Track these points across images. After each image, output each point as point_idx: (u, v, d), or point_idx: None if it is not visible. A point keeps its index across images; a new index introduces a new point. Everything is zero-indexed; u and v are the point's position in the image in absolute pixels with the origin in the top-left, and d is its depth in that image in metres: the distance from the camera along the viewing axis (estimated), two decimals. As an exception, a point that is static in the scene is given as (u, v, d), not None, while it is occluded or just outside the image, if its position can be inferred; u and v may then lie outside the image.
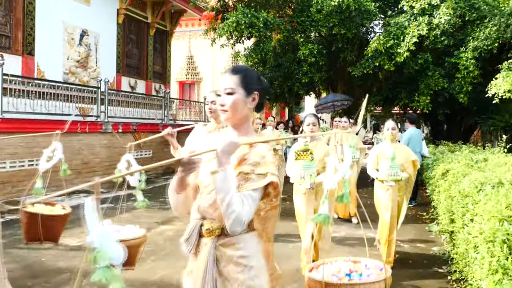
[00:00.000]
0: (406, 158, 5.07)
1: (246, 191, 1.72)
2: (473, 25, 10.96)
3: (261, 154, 1.82)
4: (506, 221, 2.63)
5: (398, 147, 5.15)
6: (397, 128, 5.17)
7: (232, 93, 1.87)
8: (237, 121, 1.93)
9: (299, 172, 4.36)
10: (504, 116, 11.06)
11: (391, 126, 5.10)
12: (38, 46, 10.55)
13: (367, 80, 13.24)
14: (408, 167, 5.06)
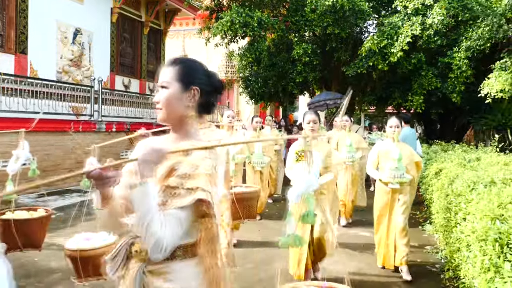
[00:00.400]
0: (410, 158, 4.71)
1: (171, 210, 1.45)
2: (466, 25, 11.02)
3: (194, 163, 1.51)
4: (498, 220, 2.65)
5: (403, 147, 4.77)
6: (400, 126, 4.84)
7: (166, 88, 1.64)
8: (173, 122, 1.67)
9: (299, 173, 4.18)
10: (496, 116, 11.14)
11: (394, 123, 4.76)
12: (31, 44, 10.49)
13: (361, 80, 13.28)
14: (411, 169, 4.68)
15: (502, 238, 2.48)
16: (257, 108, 21.40)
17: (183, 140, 1.65)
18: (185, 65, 1.71)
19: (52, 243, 5.54)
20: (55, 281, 4.25)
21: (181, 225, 1.46)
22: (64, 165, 9.75)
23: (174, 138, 1.69)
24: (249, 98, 14.59)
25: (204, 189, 1.46)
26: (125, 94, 13.06)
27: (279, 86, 13.37)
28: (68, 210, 7.56)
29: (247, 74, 14.02)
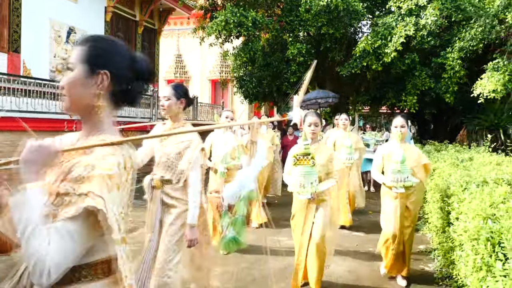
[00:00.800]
0: (417, 161, 4.38)
1: (57, 223, 1.17)
2: (459, 26, 11.10)
3: (90, 163, 1.24)
4: (490, 219, 2.67)
5: (408, 149, 4.45)
6: (406, 126, 4.47)
7: (70, 71, 1.37)
8: (79, 112, 1.38)
9: (298, 179, 3.80)
10: (489, 116, 11.22)
11: (399, 123, 4.41)
12: (24, 43, 10.43)
13: (355, 80, 13.32)
14: (419, 172, 4.35)
15: (494, 238, 2.51)
16: (251, 108, 21.41)
17: (92, 135, 1.36)
18: (95, 44, 1.39)
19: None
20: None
21: (73, 240, 1.17)
22: (57, 164, 9.70)
23: (82, 133, 1.41)
24: (244, 98, 14.60)
25: (98, 194, 1.18)
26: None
27: (273, 86, 13.39)
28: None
29: (242, 74, 14.03)
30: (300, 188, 3.80)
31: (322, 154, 4.00)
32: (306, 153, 3.80)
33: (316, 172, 3.81)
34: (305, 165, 3.79)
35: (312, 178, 3.77)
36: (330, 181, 3.99)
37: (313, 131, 3.97)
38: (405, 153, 4.23)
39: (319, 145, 4.12)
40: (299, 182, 3.79)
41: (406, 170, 4.19)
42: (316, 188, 3.78)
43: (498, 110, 11.27)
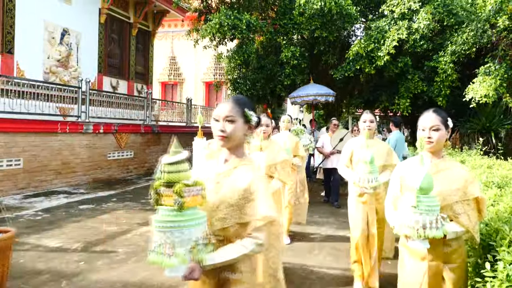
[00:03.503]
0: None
1: None
2: (451, 30, 11.20)
3: None
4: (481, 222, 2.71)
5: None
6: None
7: None
8: None
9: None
10: (481, 120, 11.32)
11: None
12: (18, 44, 10.40)
13: (349, 83, 13.40)
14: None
15: (484, 240, 2.55)
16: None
17: None
18: None
19: (39, 244, 5.51)
20: (42, 283, 4.23)
21: None
22: (50, 166, 9.68)
23: None
24: (238, 100, 14.60)
25: None
26: (113, 95, 12.99)
27: (267, 89, 13.43)
28: (55, 211, 7.51)
29: (236, 76, 14.05)
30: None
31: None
32: None
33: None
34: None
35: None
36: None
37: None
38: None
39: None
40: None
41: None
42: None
43: (490, 114, 11.38)
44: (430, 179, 2.18)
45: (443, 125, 2.49)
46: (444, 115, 2.55)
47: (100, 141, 11.26)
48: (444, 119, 2.52)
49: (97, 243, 5.71)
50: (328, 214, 8.00)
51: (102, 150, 11.36)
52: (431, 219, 2.17)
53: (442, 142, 2.51)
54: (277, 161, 4.50)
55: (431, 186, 2.19)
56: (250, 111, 1.97)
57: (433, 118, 2.51)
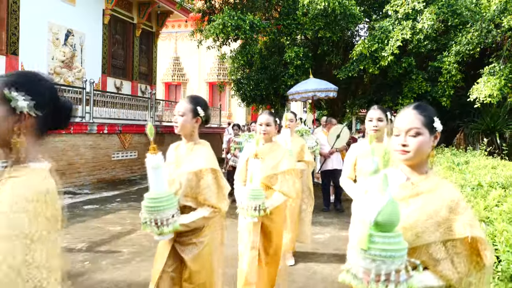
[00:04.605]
0: None
1: None
2: (456, 30, 11.17)
3: None
4: (484, 222, 2.71)
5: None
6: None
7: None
8: None
9: None
10: (485, 120, 11.27)
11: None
12: (23, 46, 10.45)
13: (352, 83, 13.39)
14: None
15: (488, 240, 2.55)
16: (248, 111, 21.45)
17: None
18: None
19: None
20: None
21: None
22: (55, 166, 9.71)
23: None
24: (241, 100, 14.64)
25: None
26: (117, 96, 13.03)
27: (270, 89, 13.43)
28: (59, 212, 7.53)
29: (239, 77, 14.07)
30: None
31: None
32: None
33: None
34: None
35: None
36: None
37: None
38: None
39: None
40: None
41: None
42: None
43: (494, 114, 11.33)
44: (393, 210, 1.47)
45: (426, 128, 1.73)
46: (430, 113, 1.78)
47: (104, 141, 11.30)
48: (429, 119, 1.75)
49: (102, 243, 5.73)
50: (332, 215, 8.00)
51: (106, 151, 11.39)
52: (390, 269, 1.45)
53: (423, 152, 1.73)
54: (278, 171, 3.50)
55: (394, 219, 1.48)
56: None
57: (412, 117, 1.75)
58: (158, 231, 2.32)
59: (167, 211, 2.32)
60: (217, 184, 2.55)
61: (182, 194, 2.54)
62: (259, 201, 3.15)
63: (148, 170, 2.36)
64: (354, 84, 13.66)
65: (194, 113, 2.62)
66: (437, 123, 1.77)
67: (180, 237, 2.56)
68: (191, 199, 2.55)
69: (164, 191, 2.36)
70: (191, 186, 2.53)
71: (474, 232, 1.60)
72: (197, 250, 2.56)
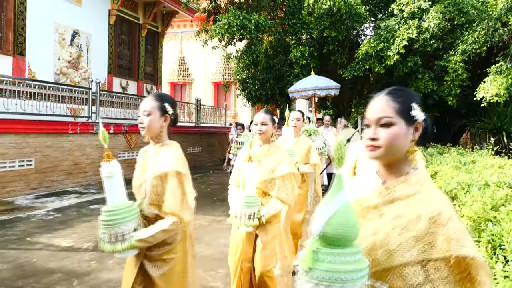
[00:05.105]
0: None
1: None
2: (462, 29, 11.11)
3: None
4: (491, 222, 2.70)
5: None
6: None
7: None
8: None
9: None
10: (492, 119, 11.20)
11: None
12: (29, 46, 10.51)
13: (358, 83, 13.35)
14: None
15: (495, 240, 2.53)
16: (254, 111, 21.44)
17: None
18: None
19: (51, 244, 5.57)
20: (53, 282, 4.28)
21: None
22: (61, 166, 9.77)
23: None
24: (246, 100, 14.65)
25: None
26: (123, 96, 13.07)
27: (276, 89, 13.43)
28: (66, 211, 7.58)
29: (244, 77, 14.07)
30: None
31: None
32: None
33: None
34: None
35: None
36: None
37: None
38: None
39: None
40: None
41: None
42: None
43: (501, 113, 11.26)
44: (346, 219, 1.14)
45: (400, 117, 1.38)
46: (406, 99, 1.43)
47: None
48: (404, 106, 1.40)
49: (108, 242, 5.75)
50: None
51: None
52: None
53: (399, 148, 1.37)
54: (277, 175, 3.15)
55: (348, 231, 1.14)
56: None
57: (382, 104, 1.40)
58: (111, 247, 2.07)
59: (126, 224, 2.10)
60: (181, 189, 2.26)
61: (148, 203, 2.31)
62: (253, 209, 2.83)
63: (103, 180, 2.12)
64: (360, 84, 13.62)
65: (162, 111, 2.40)
66: (416, 110, 1.40)
67: (150, 252, 2.30)
68: (157, 207, 2.29)
69: (121, 202, 2.13)
70: (156, 192, 2.29)
71: (462, 251, 1.19)
72: (167, 268, 2.30)
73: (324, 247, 1.14)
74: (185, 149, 15.62)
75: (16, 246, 5.45)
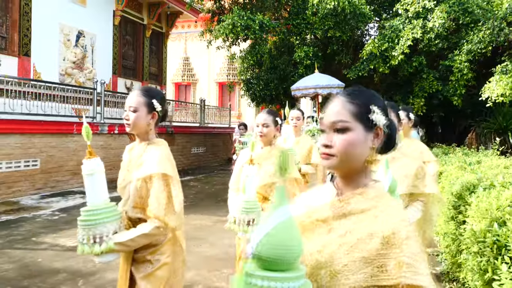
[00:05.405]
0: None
1: None
2: (467, 28, 11.06)
3: None
4: (497, 223, 2.68)
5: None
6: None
7: None
8: None
9: None
10: (497, 119, 11.15)
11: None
12: (34, 47, 10.56)
13: (362, 83, 13.31)
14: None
15: (500, 241, 2.52)
16: (258, 111, 21.44)
17: None
18: None
19: (56, 243, 5.59)
20: (59, 282, 4.30)
21: None
22: (67, 166, 9.81)
23: None
24: (251, 100, 14.66)
25: None
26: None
27: (280, 89, 13.43)
28: (71, 211, 7.60)
29: (249, 77, 14.08)
30: None
31: None
32: None
33: None
34: None
35: None
36: None
37: None
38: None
39: None
40: None
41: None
42: None
43: (507, 113, 11.20)
44: (285, 237, 0.98)
45: (358, 121, 1.20)
46: (365, 100, 1.22)
47: (115, 141, 11.37)
48: (362, 109, 1.21)
49: (113, 242, 5.76)
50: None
51: (117, 151, 11.46)
52: None
53: (355, 156, 1.20)
54: (277, 180, 2.58)
55: (285, 252, 0.97)
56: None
57: (338, 107, 1.22)
58: (88, 250, 1.95)
59: (105, 226, 1.97)
60: (167, 193, 2.10)
61: (131, 205, 2.19)
62: (252, 215, 2.62)
63: (84, 177, 2.03)
64: (364, 84, 13.56)
65: (150, 108, 2.23)
66: (376, 114, 1.20)
67: (136, 254, 2.21)
68: (141, 210, 2.17)
69: (102, 202, 2.02)
70: (140, 195, 2.15)
71: (414, 278, 1.05)
72: (151, 269, 2.18)
73: (259, 270, 0.97)
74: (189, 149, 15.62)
75: (21, 246, 5.48)
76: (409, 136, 3.72)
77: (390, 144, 1.27)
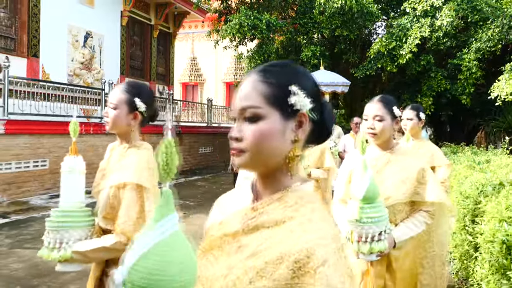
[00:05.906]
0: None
1: None
2: (476, 26, 10.98)
3: None
4: (506, 222, 2.66)
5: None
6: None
7: None
8: None
9: None
10: (506, 118, 11.06)
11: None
12: (43, 48, 10.64)
13: (370, 82, 13.28)
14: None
15: (510, 240, 2.50)
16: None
17: None
18: None
19: (64, 243, 5.63)
20: (68, 281, 4.33)
21: None
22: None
23: None
24: (258, 100, 14.66)
25: None
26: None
27: (287, 89, 13.41)
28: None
29: (256, 77, 14.08)
30: None
31: None
32: None
33: None
34: None
35: None
36: None
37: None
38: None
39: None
40: None
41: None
42: None
43: (516, 112, 11.12)
44: (169, 263, 0.80)
45: (271, 107, 0.91)
46: (282, 79, 0.96)
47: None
48: (277, 91, 0.94)
49: (121, 242, 5.79)
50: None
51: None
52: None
53: (271, 151, 0.90)
54: None
55: (170, 284, 0.79)
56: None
57: (248, 88, 0.98)
58: (46, 254, 1.76)
59: (68, 231, 1.77)
60: (139, 207, 1.84)
61: (101, 215, 1.93)
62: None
63: (61, 174, 1.88)
64: (372, 83, 13.54)
65: (131, 107, 1.96)
66: (297, 96, 0.94)
67: (107, 267, 1.98)
68: (111, 222, 1.90)
69: (73, 205, 1.85)
70: (112, 205, 1.89)
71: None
72: None
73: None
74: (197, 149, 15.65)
75: (31, 245, 5.52)
76: (419, 137, 3.57)
77: (322, 133, 1.01)
